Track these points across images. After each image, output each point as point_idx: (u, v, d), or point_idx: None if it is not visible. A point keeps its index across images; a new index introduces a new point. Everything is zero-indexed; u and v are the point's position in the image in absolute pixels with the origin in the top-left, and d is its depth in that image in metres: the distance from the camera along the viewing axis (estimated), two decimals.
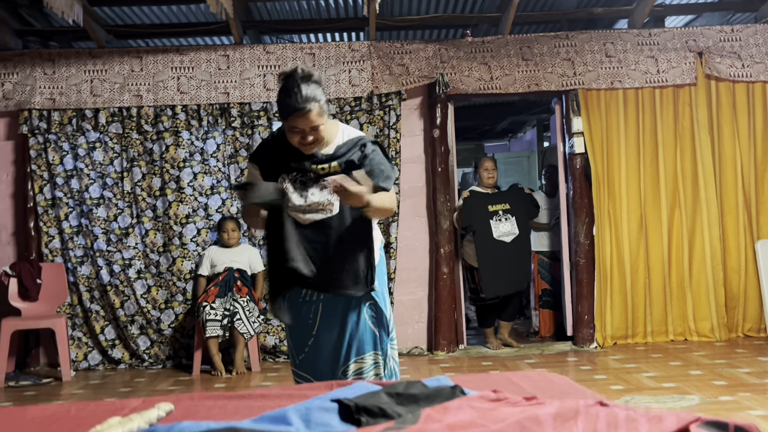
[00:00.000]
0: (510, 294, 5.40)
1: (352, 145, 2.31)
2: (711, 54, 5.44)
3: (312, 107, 2.17)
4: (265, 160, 2.35)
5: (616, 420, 0.85)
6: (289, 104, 2.17)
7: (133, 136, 5.38)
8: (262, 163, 2.35)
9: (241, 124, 5.40)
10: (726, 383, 3.97)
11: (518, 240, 5.36)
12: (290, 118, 2.18)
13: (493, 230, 5.31)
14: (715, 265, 5.38)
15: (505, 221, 5.35)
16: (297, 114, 2.16)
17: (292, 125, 2.20)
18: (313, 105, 2.17)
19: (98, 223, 5.32)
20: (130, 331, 5.31)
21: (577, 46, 5.46)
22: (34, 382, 4.80)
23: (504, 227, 5.34)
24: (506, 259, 5.29)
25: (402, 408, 1.09)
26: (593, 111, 5.42)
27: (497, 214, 5.35)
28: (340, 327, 2.33)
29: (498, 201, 5.39)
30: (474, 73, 5.40)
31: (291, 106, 2.16)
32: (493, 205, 5.36)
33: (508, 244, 5.33)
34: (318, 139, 2.24)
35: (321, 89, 2.23)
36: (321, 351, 2.35)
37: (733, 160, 5.47)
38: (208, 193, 5.40)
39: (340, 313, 2.34)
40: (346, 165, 2.27)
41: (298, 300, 2.38)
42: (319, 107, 2.19)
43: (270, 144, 2.39)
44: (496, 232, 5.32)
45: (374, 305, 2.38)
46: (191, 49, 5.45)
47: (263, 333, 5.31)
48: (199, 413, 1.14)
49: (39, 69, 5.35)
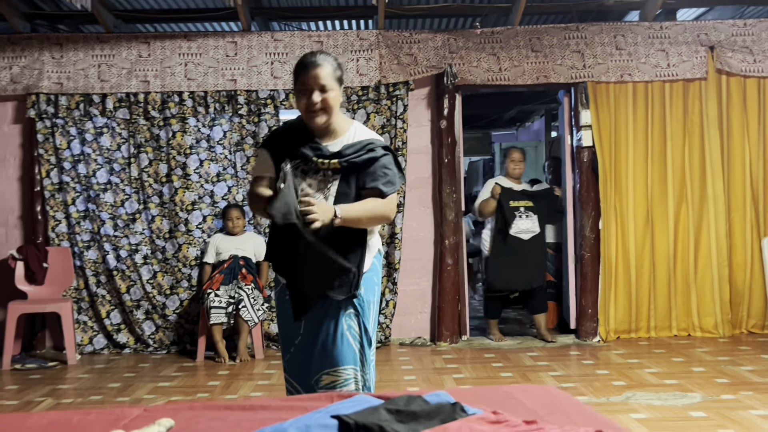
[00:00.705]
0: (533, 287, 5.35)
1: (360, 147, 2.22)
2: (722, 48, 5.38)
3: (324, 62, 2.15)
4: (277, 146, 2.28)
5: None
6: (302, 61, 2.17)
7: (140, 121, 5.38)
8: (274, 149, 2.28)
9: (247, 111, 5.38)
10: (728, 381, 3.98)
11: (537, 238, 5.34)
12: (301, 75, 2.16)
13: (512, 226, 5.28)
14: (720, 261, 5.37)
15: (526, 218, 5.31)
16: (308, 68, 2.14)
17: (302, 82, 2.16)
18: (325, 62, 2.16)
19: (105, 208, 5.33)
20: (135, 316, 5.35)
21: (587, 38, 5.41)
22: (40, 366, 4.84)
23: (523, 224, 5.30)
24: (520, 255, 5.25)
25: (402, 426, 1.10)
26: (602, 104, 5.38)
27: (519, 210, 5.31)
28: (316, 333, 2.22)
29: (522, 197, 5.35)
30: (483, 63, 5.36)
31: (303, 62, 2.16)
32: (516, 200, 5.34)
33: (525, 242, 5.29)
34: (326, 107, 2.17)
35: (338, 63, 2.22)
36: (303, 355, 2.25)
37: (742, 156, 5.43)
38: (214, 180, 5.40)
39: (319, 318, 2.22)
40: (349, 166, 2.20)
41: (285, 297, 2.30)
42: (332, 68, 2.17)
43: (283, 131, 2.33)
44: (514, 228, 5.28)
45: (356, 316, 2.23)
46: (199, 35, 5.43)
47: (267, 320, 5.34)
48: (201, 425, 1.15)
49: (47, 53, 5.34)
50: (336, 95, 2.19)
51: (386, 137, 5.39)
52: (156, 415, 1.14)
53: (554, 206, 5.50)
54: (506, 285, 5.37)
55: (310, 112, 2.18)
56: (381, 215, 2.21)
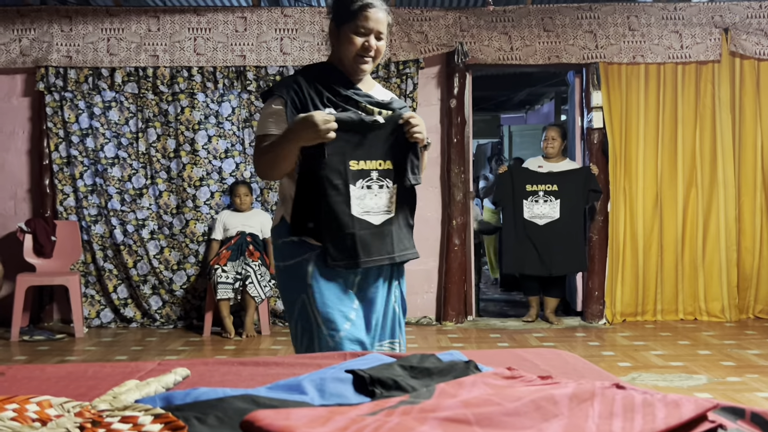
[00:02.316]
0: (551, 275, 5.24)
1: (401, 105, 2.05)
2: (737, 30, 5.33)
3: (384, 7, 1.94)
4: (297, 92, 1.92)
5: (633, 403, 0.85)
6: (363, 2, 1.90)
7: (149, 96, 5.37)
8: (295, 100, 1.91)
9: (256, 87, 5.37)
10: (734, 364, 3.97)
11: (555, 224, 5.15)
12: (360, 15, 1.89)
13: (525, 210, 5.18)
14: (729, 245, 5.35)
15: (544, 203, 5.17)
16: (370, 8, 1.90)
17: (361, 24, 1.90)
18: (386, 9, 1.95)
19: (112, 183, 5.34)
20: (142, 290, 5.37)
21: (600, 18, 5.36)
22: (48, 338, 4.87)
23: (539, 209, 5.17)
24: (535, 240, 5.14)
25: (416, 381, 1.10)
26: (613, 85, 5.34)
27: (536, 195, 5.18)
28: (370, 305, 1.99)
29: (542, 181, 5.17)
30: (494, 42, 5.32)
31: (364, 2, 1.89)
32: (534, 184, 5.18)
33: (540, 227, 5.16)
34: (377, 56, 1.97)
35: None
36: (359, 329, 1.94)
37: (754, 141, 5.39)
38: (222, 156, 5.40)
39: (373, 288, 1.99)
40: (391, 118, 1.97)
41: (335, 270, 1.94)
42: (388, 13, 1.96)
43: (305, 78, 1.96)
44: (528, 212, 5.17)
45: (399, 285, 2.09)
46: (209, 10, 5.40)
47: (273, 297, 5.35)
48: (214, 379, 1.15)
49: (56, 25, 5.32)
50: (384, 45, 1.98)
51: None
52: (171, 369, 1.14)
53: (590, 185, 5.17)
54: (516, 268, 5.31)
55: (361, 56, 1.94)
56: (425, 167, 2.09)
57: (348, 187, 1.88)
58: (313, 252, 1.92)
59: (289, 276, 1.96)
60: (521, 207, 5.21)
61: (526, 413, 0.81)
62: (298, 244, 1.93)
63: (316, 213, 1.88)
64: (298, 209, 1.92)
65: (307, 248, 1.92)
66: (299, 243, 1.93)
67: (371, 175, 1.91)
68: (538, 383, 0.98)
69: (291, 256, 1.95)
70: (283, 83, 1.95)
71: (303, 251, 1.93)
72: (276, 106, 1.91)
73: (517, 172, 5.34)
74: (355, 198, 1.88)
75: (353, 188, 1.88)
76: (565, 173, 5.22)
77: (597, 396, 0.86)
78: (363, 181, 1.90)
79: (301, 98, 1.91)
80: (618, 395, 0.86)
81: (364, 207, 1.89)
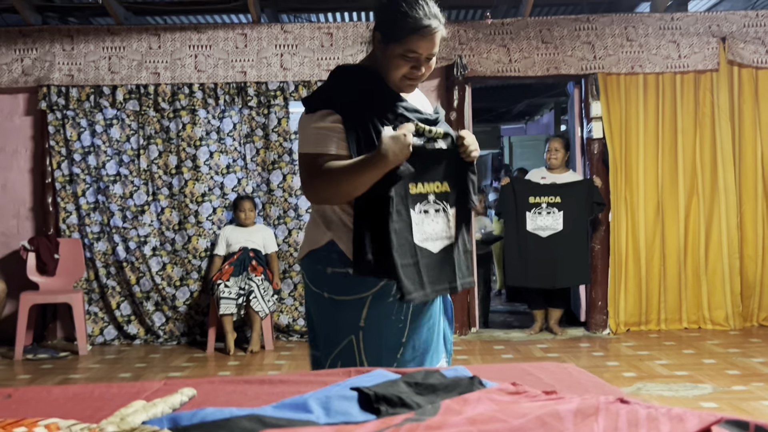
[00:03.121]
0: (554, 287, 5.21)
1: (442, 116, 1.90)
2: (734, 39, 5.36)
3: (440, 27, 1.68)
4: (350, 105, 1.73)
5: (637, 418, 0.85)
6: (415, 20, 1.65)
7: (150, 113, 5.40)
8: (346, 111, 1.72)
9: (257, 103, 5.39)
10: (739, 372, 3.96)
11: (559, 237, 5.12)
12: (410, 38, 1.66)
13: (528, 222, 5.15)
14: (731, 253, 5.34)
15: (546, 215, 5.14)
16: (422, 32, 1.65)
17: (410, 48, 1.68)
18: (440, 26, 1.69)
19: (115, 200, 5.36)
20: (145, 307, 5.37)
21: (598, 29, 5.39)
22: (51, 356, 4.87)
23: (542, 221, 5.15)
24: (538, 252, 5.10)
25: (421, 398, 1.10)
26: (612, 96, 5.37)
27: (539, 207, 5.16)
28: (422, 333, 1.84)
29: (545, 192, 5.14)
30: (492, 55, 5.35)
31: (418, 21, 1.64)
32: (537, 196, 5.15)
33: (543, 239, 5.12)
34: (425, 75, 1.78)
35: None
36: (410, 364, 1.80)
37: (754, 148, 5.40)
38: (224, 172, 5.42)
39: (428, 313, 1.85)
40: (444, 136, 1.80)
41: (386, 300, 1.77)
42: (443, 30, 1.71)
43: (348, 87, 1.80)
44: (531, 224, 5.14)
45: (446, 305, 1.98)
46: (209, 27, 5.44)
47: (277, 312, 5.35)
48: (220, 398, 1.16)
49: (58, 45, 5.36)
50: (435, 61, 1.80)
51: None
52: (177, 388, 1.15)
53: (593, 197, 5.14)
54: (520, 282, 5.26)
55: (407, 79, 1.76)
56: None
57: (409, 213, 1.72)
58: (372, 290, 1.76)
59: (338, 311, 1.79)
60: (524, 219, 5.19)
61: (531, 430, 0.81)
62: (357, 280, 1.74)
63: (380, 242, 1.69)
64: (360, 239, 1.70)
65: (367, 285, 1.75)
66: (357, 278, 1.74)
67: (428, 198, 1.77)
68: (542, 399, 0.98)
69: (344, 291, 1.77)
70: (331, 93, 1.78)
71: (361, 289, 1.75)
72: (332, 123, 1.71)
73: (520, 183, 5.33)
74: (415, 224, 1.73)
75: (413, 213, 1.73)
76: (567, 185, 5.19)
77: (601, 411, 0.87)
78: (421, 206, 1.75)
79: (356, 116, 1.72)
80: (622, 410, 0.87)
81: (423, 233, 1.75)
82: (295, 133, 5.45)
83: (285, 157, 5.39)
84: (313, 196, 1.75)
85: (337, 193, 1.69)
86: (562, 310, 5.41)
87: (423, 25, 1.65)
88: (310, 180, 1.72)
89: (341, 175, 1.66)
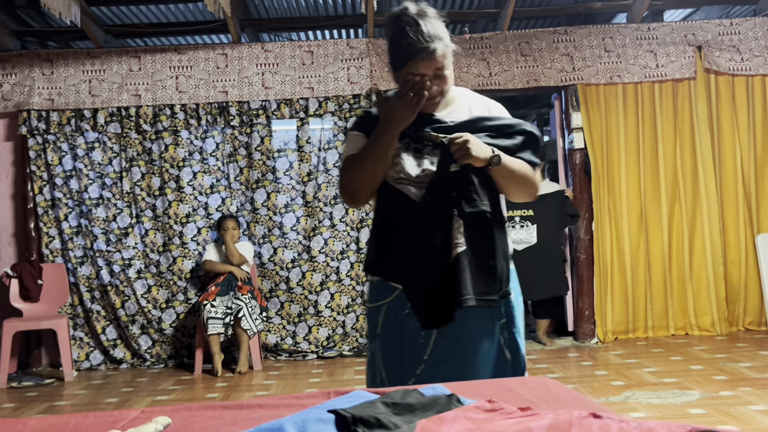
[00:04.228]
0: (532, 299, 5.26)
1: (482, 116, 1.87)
2: (710, 48, 5.43)
3: (437, 46, 1.73)
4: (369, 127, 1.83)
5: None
6: (409, 45, 1.72)
7: (132, 135, 5.39)
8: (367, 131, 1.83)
9: (239, 122, 5.40)
10: (727, 378, 3.98)
11: (534, 249, 5.15)
12: (410, 63, 1.73)
13: None
14: (715, 259, 5.39)
15: (521, 228, 5.19)
16: (420, 56, 1.72)
17: (412, 72, 1.74)
18: (437, 43, 1.73)
19: (98, 224, 5.33)
20: (131, 330, 5.33)
21: (576, 41, 5.45)
22: (37, 383, 4.81)
23: (516, 234, 5.19)
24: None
25: (398, 418, 1.10)
26: (592, 106, 5.42)
27: (512, 220, 5.19)
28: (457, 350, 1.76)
29: (517, 206, 5.18)
30: (473, 69, 5.39)
31: (411, 46, 1.71)
32: (510, 210, 5.18)
33: (518, 252, 5.13)
34: (443, 90, 1.81)
35: (443, 25, 1.80)
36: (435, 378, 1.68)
37: (733, 154, 5.46)
38: (208, 192, 5.41)
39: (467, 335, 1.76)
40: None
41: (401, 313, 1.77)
42: (443, 45, 1.75)
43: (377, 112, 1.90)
44: None
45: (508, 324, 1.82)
46: (189, 48, 5.45)
47: (264, 332, 5.32)
48: (197, 424, 1.15)
49: (37, 69, 5.35)
50: (450, 72, 1.81)
51: None
52: (154, 417, 1.14)
53: (565, 209, 5.24)
54: None
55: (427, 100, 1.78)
56: (531, 180, 1.83)
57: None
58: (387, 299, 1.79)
59: (366, 318, 1.92)
60: None
61: None
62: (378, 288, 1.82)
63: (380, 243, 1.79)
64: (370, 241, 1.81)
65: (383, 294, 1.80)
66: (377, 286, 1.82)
67: None
68: (517, 416, 0.99)
69: (370, 299, 1.85)
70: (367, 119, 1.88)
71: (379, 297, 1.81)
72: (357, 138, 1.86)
73: None
74: None
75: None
76: (540, 198, 5.22)
77: (574, 427, 0.87)
78: None
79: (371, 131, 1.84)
80: (595, 425, 0.87)
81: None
82: (278, 151, 5.45)
83: (269, 175, 5.39)
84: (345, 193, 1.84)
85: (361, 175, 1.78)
86: (548, 320, 5.43)
87: (417, 49, 1.72)
88: (341, 178, 1.85)
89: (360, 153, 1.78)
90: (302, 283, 5.38)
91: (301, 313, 5.39)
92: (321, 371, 4.88)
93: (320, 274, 5.39)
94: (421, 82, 1.69)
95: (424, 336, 1.75)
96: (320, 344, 5.37)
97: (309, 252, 5.40)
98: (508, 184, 1.81)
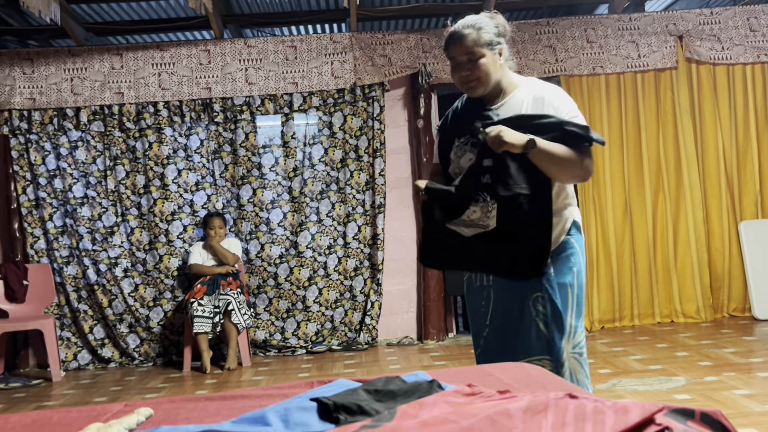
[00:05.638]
0: None
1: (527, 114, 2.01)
2: (691, 37, 5.47)
3: (467, 32, 1.98)
4: (445, 125, 2.16)
5: (584, 412, 0.87)
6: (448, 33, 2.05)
7: (116, 134, 5.36)
8: (442, 130, 2.16)
9: (224, 119, 5.38)
10: (712, 364, 4.02)
11: None
12: (446, 50, 2.05)
13: None
14: (699, 247, 5.44)
15: None
16: (449, 41, 2.02)
17: (450, 57, 2.04)
18: (469, 30, 1.99)
19: (83, 223, 5.29)
20: (119, 329, 5.31)
21: (559, 32, 5.47)
22: (24, 384, 4.79)
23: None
24: None
25: (380, 405, 1.11)
26: (575, 97, 5.44)
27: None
28: (505, 320, 2.04)
29: None
30: None
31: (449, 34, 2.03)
32: None
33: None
34: (480, 76, 2.01)
35: (492, 22, 2.03)
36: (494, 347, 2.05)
37: (715, 143, 5.51)
38: (193, 189, 5.39)
39: (508, 302, 2.05)
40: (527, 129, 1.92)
41: (473, 285, 2.16)
42: (477, 34, 1.98)
43: (453, 108, 2.20)
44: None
45: (544, 299, 2.01)
46: (172, 45, 5.42)
47: (253, 328, 5.32)
48: (180, 416, 1.15)
49: (18, 69, 5.30)
50: (488, 60, 2.00)
51: (364, 139, 5.41)
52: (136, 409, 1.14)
53: None
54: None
55: (466, 85, 2.06)
56: (575, 162, 1.91)
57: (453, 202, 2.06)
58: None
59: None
60: None
61: (481, 429, 0.82)
62: None
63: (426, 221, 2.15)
64: None
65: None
66: None
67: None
68: (496, 398, 1.00)
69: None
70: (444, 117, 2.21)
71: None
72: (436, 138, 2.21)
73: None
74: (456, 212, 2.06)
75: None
76: None
77: (551, 407, 0.88)
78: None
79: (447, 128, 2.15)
80: (571, 405, 0.89)
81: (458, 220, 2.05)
82: (263, 147, 5.44)
83: (254, 171, 5.38)
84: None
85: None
86: None
87: (449, 34, 2.02)
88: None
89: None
90: (290, 279, 5.38)
91: (290, 309, 5.39)
92: (310, 366, 4.89)
93: (308, 269, 5.39)
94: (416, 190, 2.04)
95: (485, 306, 2.09)
96: (309, 339, 5.37)
97: (296, 247, 5.40)
98: (549, 167, 1.91)
